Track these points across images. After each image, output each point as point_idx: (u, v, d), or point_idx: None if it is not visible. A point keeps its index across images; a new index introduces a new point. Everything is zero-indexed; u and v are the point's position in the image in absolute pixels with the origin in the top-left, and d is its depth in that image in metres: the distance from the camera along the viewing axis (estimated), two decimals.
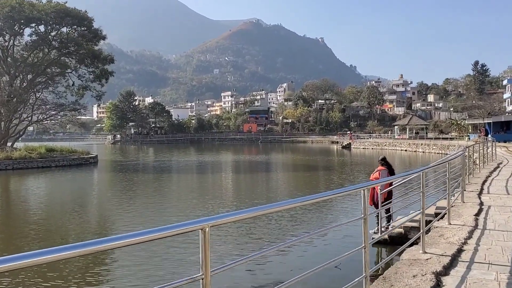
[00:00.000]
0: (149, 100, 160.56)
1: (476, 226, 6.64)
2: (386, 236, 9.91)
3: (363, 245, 3.69)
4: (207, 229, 2.19)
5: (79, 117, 60.17)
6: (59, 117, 51.28)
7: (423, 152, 52.85)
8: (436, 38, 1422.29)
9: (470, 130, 63.27)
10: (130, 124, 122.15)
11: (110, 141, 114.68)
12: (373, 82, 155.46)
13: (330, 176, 29.69)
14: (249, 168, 39.12)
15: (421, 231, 5.28)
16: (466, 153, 10.08)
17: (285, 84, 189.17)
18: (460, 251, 5.37)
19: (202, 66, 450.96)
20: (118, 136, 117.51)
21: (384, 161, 11.19)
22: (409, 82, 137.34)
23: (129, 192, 22.87)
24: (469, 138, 54.33)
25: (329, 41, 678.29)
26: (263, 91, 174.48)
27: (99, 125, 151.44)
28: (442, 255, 5.12)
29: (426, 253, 5.25)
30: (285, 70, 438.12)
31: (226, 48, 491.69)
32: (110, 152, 73.50)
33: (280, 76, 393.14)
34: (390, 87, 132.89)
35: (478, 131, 52.84)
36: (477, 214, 7.54)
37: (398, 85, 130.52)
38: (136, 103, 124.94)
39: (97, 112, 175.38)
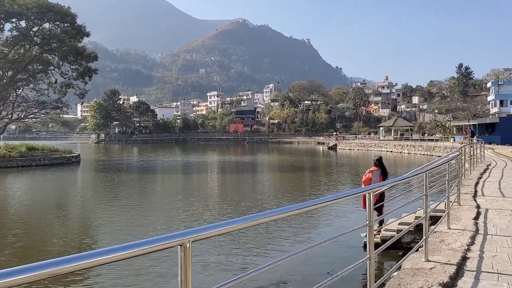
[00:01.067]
0: (134, 99, 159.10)
1: (477, 231, 6.27)
2: (378, 240, 9.54)
3: (368, 255, 3.26)
4: (187, 245, 1.74)
5: (62, 115, 58.82)
6: (41, 115, 50.09)
7: (409, 153, 52.97)
8: (421, 40, 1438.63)
9: (454, 132, 63.73)
10: (115, 123, 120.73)
11: (94, 140, 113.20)
12: (359, 83, 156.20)
13: (317, 177, 29.37)
14: (235, 169, 38.61)
15: (424, 237, 4.87)
16: (461, 155, 9.76)
17: (271, 85, 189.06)
18: (464, 259, 4.97)
19: (187, 65, 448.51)
20: (102, 135, 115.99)
21: (379, 162, 10.89)
22: (394, 84, 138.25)
23: (110, 193, 22.15)
24: (454, 140, 54.63)
25: (315, 43, 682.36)
26: (250, 92, 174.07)
27: (83, 124, 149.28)
28: (447, 264, 4.72)
29: (429, 261, 4.84)
30: (272, 71, 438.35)
31: (212, 48, 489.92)
32: (94, 151, 72.33)
33: (266, 77, 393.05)
34: (375, 88, 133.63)
35: (464, 133, 53.13)
36: (476, 218, 7.19)
37: (383, 87, 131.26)
38: (121, 102, 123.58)
39: (81, 111, 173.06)
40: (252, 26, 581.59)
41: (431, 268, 4.59)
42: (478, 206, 8.28)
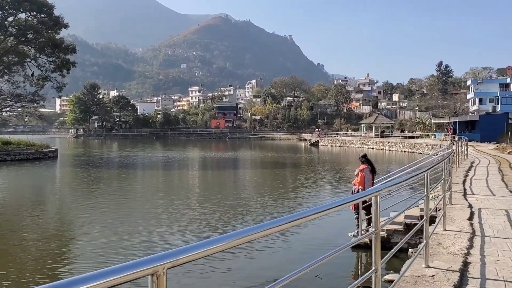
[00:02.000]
0: (114, 93, 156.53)
1: (474, 233, 5.96)
2: (366, 240, 9.21)
3: (374, 267, 2.86)
4: (161, 273, 1.32)
5: (39, 109, 57.19)
6: (17, 108, 48.62)
7: (390, 150, 53.18)
8: (402, 38, 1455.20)
9: (434, 129, 64.31)
10: (94, 117, 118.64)
11: (72, 134, 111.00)
12: (340, 80, 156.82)
13: (301, 174, 29.06)
14: (217, 166, 37.99)
15: (425, 241, 4.50)
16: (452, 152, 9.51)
17: (253, 81, 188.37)
18: (466, 264, 4.63)
19: (169, 60, 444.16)
20: (81, 129, 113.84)
21: (365, 159, 10.61)
22: (375, 81, 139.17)
23: (86, 191, 21.37)
24: (435, 137, 55.06)
25: (298, 39, 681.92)
26: (232, 87, 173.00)
27: (62, 118, 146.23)
28: (449, 270, 4.37)
29: (430, 267, 4.48)
30: (254, 67, 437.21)
31: (194, 43, 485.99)
32: (72, 146, 70.81)
33: (248, 73, 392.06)
34: (357, 86, 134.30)
35: (445, 130, 53.59)
36: (470, 218, 6.89)
37: (365, 84, 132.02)
38: (101, 97, 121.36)
39: (60, 105, 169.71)
40: (234, 22, 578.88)
41: (432, 276, 4.23)
42: (470, 206, 8.00)
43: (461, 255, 4.91)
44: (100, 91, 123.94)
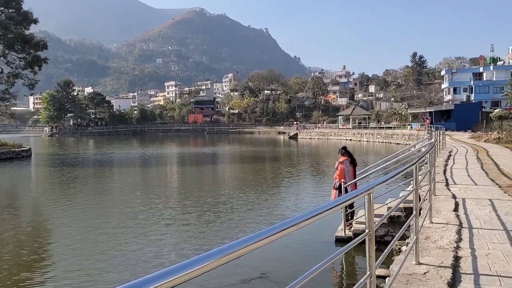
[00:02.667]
0: (89, 90, 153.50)
1: (461, 225, 5.81)
2: (350, 234, 9.05)
3: (369, 272, 2.61)
4: None
5: (10, 107, 55.45)
6: None
7: (367, 141, 53.58)
8: (376, 30, 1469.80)
9: (410, 120, 65.07)
10: (69, 115, 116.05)
11: (47, 133, 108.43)
12: (317, 73, 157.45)
13: (283, 168, 28.87)
14: (196, 161, 37.45)
15: (415, 237, 4.30)
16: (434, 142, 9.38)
17: (230, 74, 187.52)
18: (457, 259, 4.45)
19: (144, 55, 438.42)
20: (56, 128, 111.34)
21: (345, 150, 10.43)
22: (351, 73, 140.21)
23: (60, 191, 20.71)
24: (411, 127, 55.68)
25: (274, 32, 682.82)
26: (209, 81, 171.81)
27: (36, 116, 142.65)
28: (440, 267, 4.18)
29: (421, 264, 4.28)
30: (230, 60, 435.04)
31: (170, 37, 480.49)
32: (47, 145, 69.11)
33: (225, 66, 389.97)
34: (334, 78, 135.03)
35: (421, 120, 54.21)
36: (456, 209, 6.76)
37: (341, 76, 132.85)
38: (75, 93, 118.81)
39: (34, 103, 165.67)
40: (209, 15, 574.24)
41: (424, 273, 4.03)
42: (454, 196, 7.89)
43: (451, 249, 4.74)
44: (74, 88, 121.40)
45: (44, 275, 8.64)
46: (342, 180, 10.35)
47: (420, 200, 8.30)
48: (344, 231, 9.03)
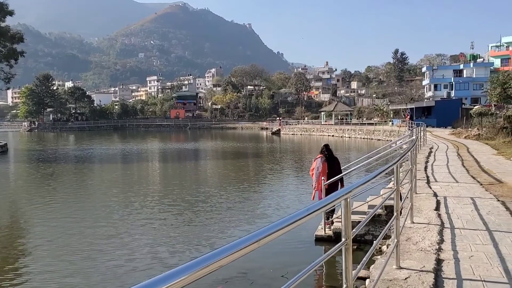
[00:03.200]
0: (69, 84, 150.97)
1: (443, 225, 5.65)
2: (330, 232, 8.85)
3: (345, 285, 2.37)
4: None
5: None
6: None
7: (349, 137, 53.73)
8: (360, 27, 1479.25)
9: (392, 116, 65.49)
10: (48, 110, 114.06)
11: (26, 128, 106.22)
12: (300, 69, 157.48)
13: (265, 165, 28.70)
14: (177, 158, 36.85)
15: (395, 240, 4.08)
16: (415, 138, 9.25)
17: (213, 70, 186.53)
18: (439, 262, 4.26)
19: (126, 50, 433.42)
20: (35, 123, 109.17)
21: (326, 148, 10.14)
22: (334, 70, 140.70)
23: (35, 189, 20.14)
24: (392, 123, 56.01)
25: (257, 28, 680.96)
26: (191, 76, 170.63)
27: (15, 111, 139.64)
28: (422, 271, 3.98)
29: (402, 268, 4.08)
30: (213, 56, 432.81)
31: (152, 32, 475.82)
32: (26, 140, 67.69)
33: (208, 62, 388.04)
34: (316, 74, 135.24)
35: (402, 116, 54.57)
36: (437, 208, 6.60)
37: (324, 72, 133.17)
38: (55, 88, 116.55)
39: (12, 98, 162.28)
40: (192, 10, 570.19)
41: (405, 278, 3.83)
42: (435, 194, 7.75)
43: (433, 251, 4.55)
44: (54, 82, 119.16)
45: (16, 279, 8.23)
46: (323, 177, 10.10)
47: (401, 198, 8.16)
48: (324, 230, 8.83)
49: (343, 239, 2.34)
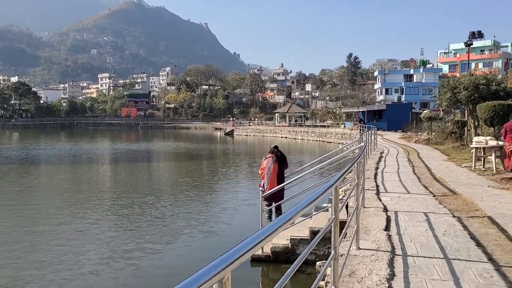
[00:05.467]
0: (14, 80, 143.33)
1: (393, 251, 4.72)
2: (269, 252, 7.80)
3: None
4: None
5: None
6: None
7: (302, 139, 53.44)
8: (316, 30, 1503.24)
9: (344, 118, 65.93)
10: None
11: None
12: (256, 70, 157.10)
13: (215, 170, 27.50)
14: (127, 159, 34.47)
15: (333, 279, 3.06)
16: (363, 144, 8.38)
17: (168, 68, 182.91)
18: None
19: (78, 45, 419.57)
20: None
21: (276, 149, 9.51)
22: (289, 71, 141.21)
23: None
24: (344, 126, 56.21)
25: (214, 28, 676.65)
26: (145, 74, 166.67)
27: None
28: None
29: None
30: (169, 54, 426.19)
31: (105, 28, 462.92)
32: None
33: (163, 60, 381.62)
34: (271, 75, 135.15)
35: (354, 119, 54.85)
36: (387, 228, 5.70)
37: (279, 74, 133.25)
38: None
39: None
40: (147, 7, 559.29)
41: None
42: (385, 208, 6.87)
43: None
44: None
45: None
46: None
47: (347, 213, 7.23)
48: (262, 249, 7.78)
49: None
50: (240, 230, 11.05)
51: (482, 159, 12.84)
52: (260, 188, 9.18)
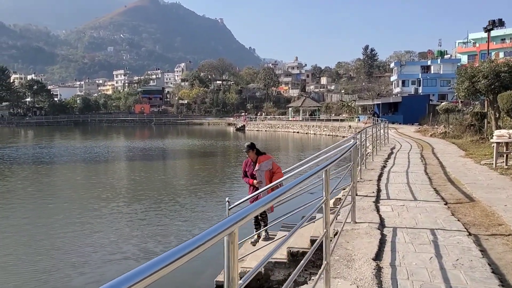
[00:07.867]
0: (30, 78, 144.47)
1: None
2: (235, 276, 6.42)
3: None
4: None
5: None
6: None
7: (315, 134, 51.81)
8: (331, 22, 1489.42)
9: (359, 112, 64.02)
10: (4, 104, 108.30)
11: None
12: (270, 64, 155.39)
13: (222, 169, 26.22)
14: (142, 157, 32.92)
15: None
16: (358, 142, 6.95)
17: (183, 64, 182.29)
18: None
19: (95, 43, 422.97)
20: None
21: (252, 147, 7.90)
22: (304, 65, 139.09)
23: None
24: (359, 120, 54.42)
25: (229, 23, 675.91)
26: (159, 71, 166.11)
27: None
28: None
29: None
30: (184, 50, 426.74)
31: (121, 25, 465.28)
32: None
33: (179, 56, 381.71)
34: (286, 69, 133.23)
35: (368, 112, 53.01)
36: (378, 255, 4.28)
37: (294, 68, 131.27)
38: (11, 81, 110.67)
39: None
40: (163, 3, 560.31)
41: None
42: (381, 224, 5.44)
43: None
44: (10, 75, 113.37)
45: None
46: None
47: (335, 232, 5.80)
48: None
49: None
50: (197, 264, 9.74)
51: (505, 155, 11.27)
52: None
